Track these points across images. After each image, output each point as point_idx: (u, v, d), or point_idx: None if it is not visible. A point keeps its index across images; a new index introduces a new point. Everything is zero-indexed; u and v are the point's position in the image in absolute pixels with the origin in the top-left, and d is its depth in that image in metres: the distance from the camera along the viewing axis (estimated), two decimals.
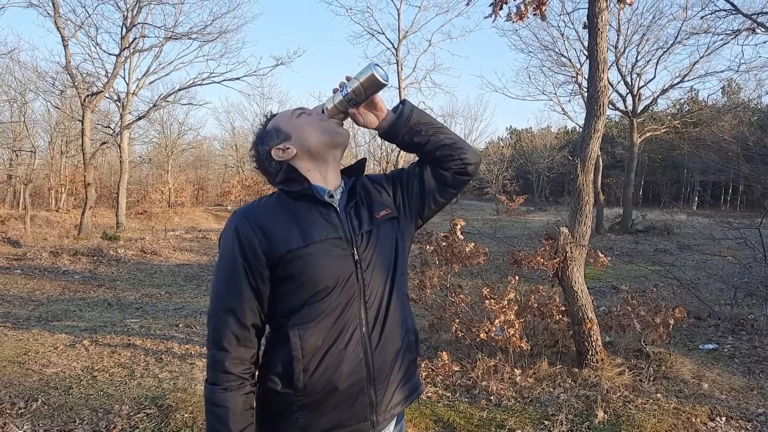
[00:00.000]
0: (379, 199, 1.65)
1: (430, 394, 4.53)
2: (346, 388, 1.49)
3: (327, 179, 1.60)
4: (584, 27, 5.05)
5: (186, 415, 4.02)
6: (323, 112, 1.61)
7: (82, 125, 17.59)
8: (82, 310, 7.86)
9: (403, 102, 1.66)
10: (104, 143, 20.35)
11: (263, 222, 1.50)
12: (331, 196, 1.57)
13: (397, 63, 23.24)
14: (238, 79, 20.97)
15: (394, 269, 1.60)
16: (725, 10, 13.61)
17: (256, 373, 1.56)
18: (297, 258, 1.45)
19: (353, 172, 1.70)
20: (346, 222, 1.55)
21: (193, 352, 5.72)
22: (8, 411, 4.08)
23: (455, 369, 4.92)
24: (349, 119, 1.64)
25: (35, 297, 8.75)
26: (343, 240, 1.51)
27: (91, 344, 5.92)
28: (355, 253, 1.52)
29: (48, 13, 16.87)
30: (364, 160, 1.71)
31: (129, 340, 6.14)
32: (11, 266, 11.33)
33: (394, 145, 1.75)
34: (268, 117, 1.66)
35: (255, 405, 1.54)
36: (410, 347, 1.65)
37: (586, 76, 5.40)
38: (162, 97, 21.25)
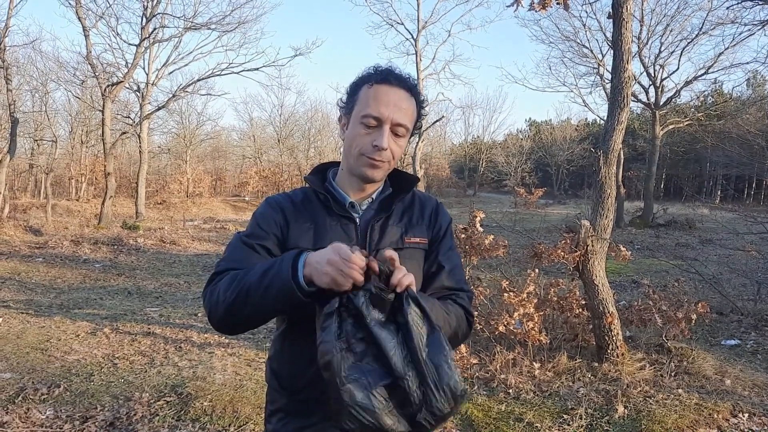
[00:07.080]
0: (419, 226, 1.55)
1: None
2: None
3: (356, 188, 1.54)
4: (608, 17, 4.97)
5: (205, 404, 4.06)
6: None
7: (103, 115, 17.75)
8: (102, 299, 7.96)
9: None
10: (124, 133, 20.50)
11: (288, 211, 1.51)
12: (353, 206, 1.52)
13: (416, 54, 23.05)
14: (256, 69, 20.95)
15: None
16: (752, 0, 13.33)
17: None
18: None
19: (401, 183, 1.59)
20: (364, 235, 1.48)
21: (212, 341, 5.76)
22: (31, 396, 4.15)
23: (473, 362, 4.90)
24: None
25: (57, 285, 8.88)
26: None
27: (111, 332, 5.99)
28: None
29: (69, 3, 17.02)
30: (416, 179, 1.61)
31: (149, 328, 6.20)
32: (33, 254, 11.49)
33: (415, 140, 1.61)
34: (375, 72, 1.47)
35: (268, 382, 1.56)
36: None
37: (608, 68, 5.32)
38: (181, 87, 21.34)
